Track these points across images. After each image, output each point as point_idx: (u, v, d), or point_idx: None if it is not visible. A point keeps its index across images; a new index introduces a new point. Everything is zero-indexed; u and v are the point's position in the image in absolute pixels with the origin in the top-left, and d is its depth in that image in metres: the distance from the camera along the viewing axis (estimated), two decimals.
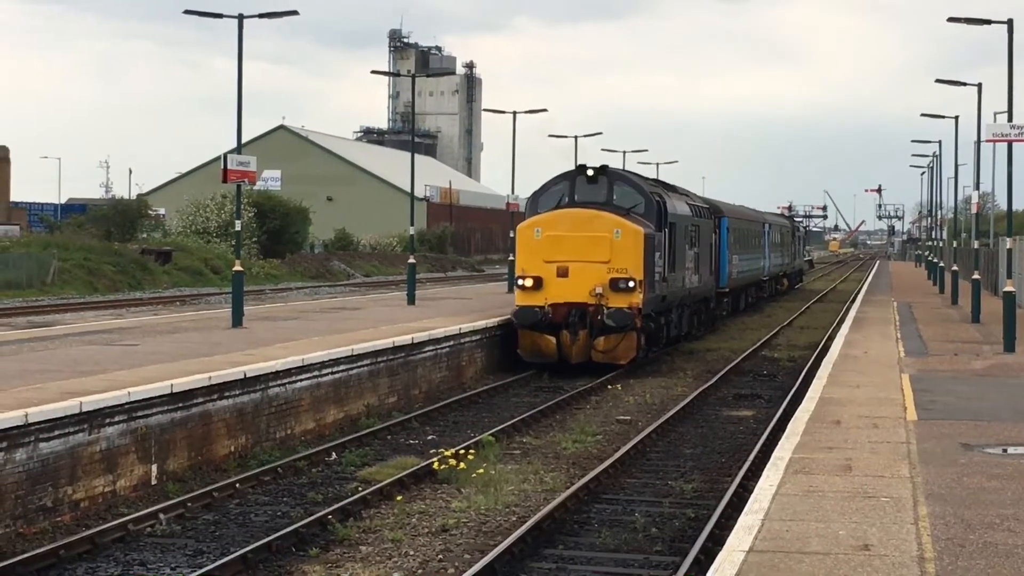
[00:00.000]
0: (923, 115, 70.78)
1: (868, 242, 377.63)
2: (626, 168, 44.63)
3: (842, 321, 54.19)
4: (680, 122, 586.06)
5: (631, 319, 38.00)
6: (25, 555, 17.02)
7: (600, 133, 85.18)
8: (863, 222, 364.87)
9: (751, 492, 17.25)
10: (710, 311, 54.87)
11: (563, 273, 38.46)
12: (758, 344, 49.18)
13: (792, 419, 23.35)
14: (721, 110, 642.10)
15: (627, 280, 38.19)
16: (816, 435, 21.08)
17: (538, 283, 38.54)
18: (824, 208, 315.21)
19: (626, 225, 38.65)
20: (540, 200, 40.82)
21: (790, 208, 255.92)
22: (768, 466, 18.59)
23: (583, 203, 39.90)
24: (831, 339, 45.73)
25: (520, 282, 38.98)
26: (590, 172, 40.47)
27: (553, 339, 38.36)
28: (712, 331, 54.94)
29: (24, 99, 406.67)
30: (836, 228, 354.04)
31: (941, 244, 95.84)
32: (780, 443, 20.67)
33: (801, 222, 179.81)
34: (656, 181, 47.54)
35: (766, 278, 78.70)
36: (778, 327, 58.29)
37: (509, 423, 28.32)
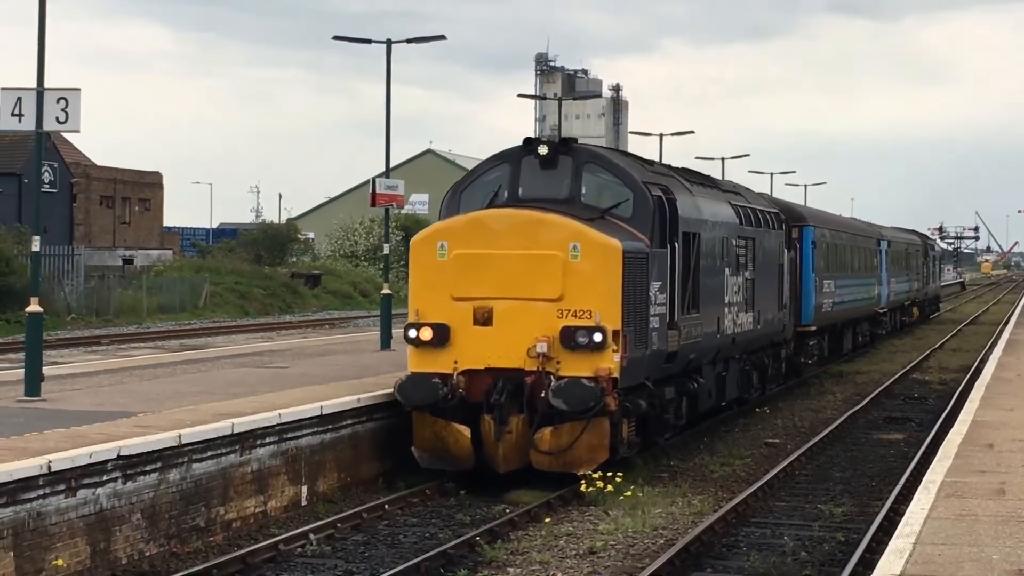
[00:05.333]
0: None
1: (1022, 263, 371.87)
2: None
3: (995, 344, 53.36)
4: (829, 144, 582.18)
5: (596, 397, 23.00)
6: (179, 574, 17.28)
7: (747, 155, 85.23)
8: (1016, 243, 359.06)
9: (902, 516, 17.05)
10: (783, 360, 39.47)
11: (484, 319, 23.75)
12: (909, 367, 48.67)
13: (944, 442, 23.04)
14: (871, 131, 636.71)
15: (591, 330, 23.31)
16: (968, 458, 20.76)
17: (442, 335, 23.79)
18: (976, 229, 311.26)
19: (591, 236, 23.68)
20: (464, 196, 26.06)
21: (941, 229, 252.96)
22: (919, 489, 18.34)
23: (532, 201, 25.06)
24: (983, 362, 45.04)
25: (412, 333, 23.99)
26: (543, 150, 25.39)
27: (467, 431, 23.59)
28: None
29: (177, 126, 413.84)
30: (988, 250, 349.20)
31: None
32: (931, 466, 20.39)
33: (953, 244, 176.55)
34: (665, 167, 30.90)
35: (883, 309, 61.76)
36: (929, 349, 57.62)
37: (657, 446, 28.21)
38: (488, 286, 23.76)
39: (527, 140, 25.79)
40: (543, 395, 23.18)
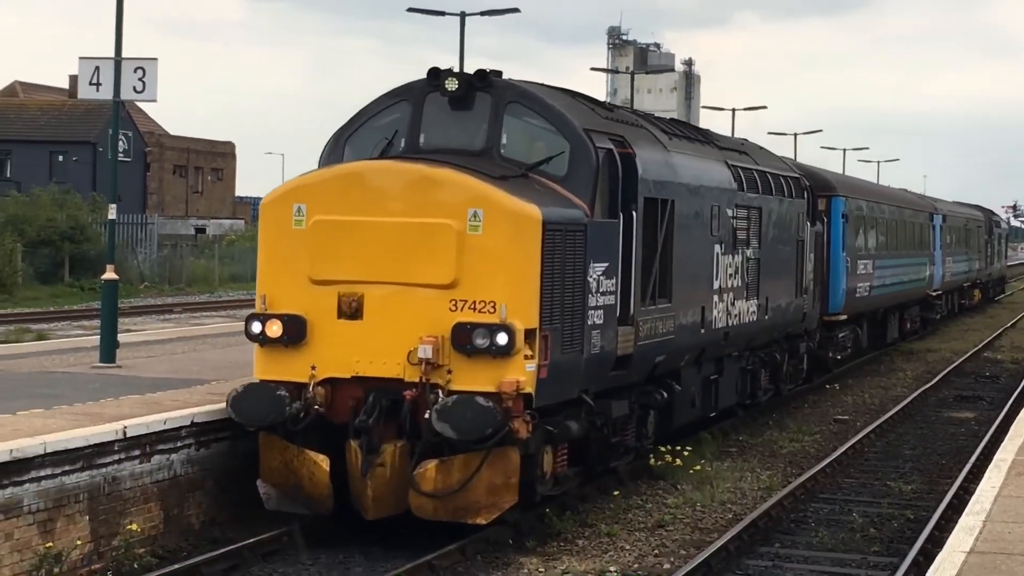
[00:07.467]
0: None
1: None
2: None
3: None
4: (904, 120, 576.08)
5: (495, 421, 16.58)
6: (249, 540, 17.40)
7: (820, 130, 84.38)
8: None
9: (972, 494, 17.03)
10: (804, 356, 32.27)
11: (352, 310, 17.46)
12: (980, 345, 48.40)
13: (1015, 421, 22.96)
14: (947, 107, 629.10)
15: (494, 329, 16.86)
16: None
17: (295, 331, 17.56)
18: None
19: (497, 201, 17.26)
20: (350, 145, 19.68)
21: (1015, 207, 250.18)
22: (990, 467, 18.33)
23: (436, 152, 18.72)
24: None
25: (256, 327, 17.73)
26: (452, 85, 18.84)
27: (325, 462, 17.52)
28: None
29: (250, 95, 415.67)
30: None
31: None
32: (1003, 445, 20.36)
33: None
34: (639, 114, 24.28)
35: (936, 291, 54.15)
36: (1001, 328, 57.25)
37: (726, 421, 28.18)
38: (358, 266, 17.49)
39: (432, 71, 19.15)
40: (427, 416, 16.94)
